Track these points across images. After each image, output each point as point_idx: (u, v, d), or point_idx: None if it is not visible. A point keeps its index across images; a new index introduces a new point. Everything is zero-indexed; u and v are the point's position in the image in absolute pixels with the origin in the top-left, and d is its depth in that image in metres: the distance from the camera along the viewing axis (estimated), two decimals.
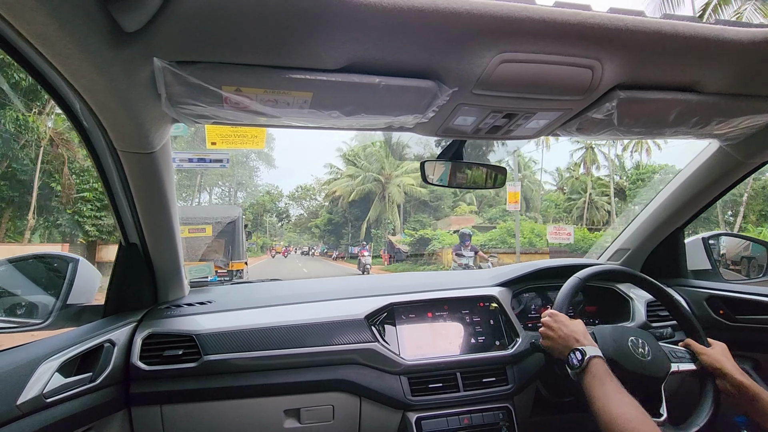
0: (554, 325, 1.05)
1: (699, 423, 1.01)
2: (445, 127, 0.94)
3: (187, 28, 0.59)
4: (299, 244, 58.90)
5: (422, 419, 1.15)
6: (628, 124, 0.93)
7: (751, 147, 1.15)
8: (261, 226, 52.16)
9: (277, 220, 56.65)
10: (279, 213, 56.09)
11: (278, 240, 56.93)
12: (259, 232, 51.00)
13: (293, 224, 56.22)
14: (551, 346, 1.05)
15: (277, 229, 57.91)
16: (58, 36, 0.55)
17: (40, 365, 0.86)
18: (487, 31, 0.65)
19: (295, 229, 56.21)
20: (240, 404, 1.12)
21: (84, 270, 1.18)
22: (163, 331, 1.14)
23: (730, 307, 1.39)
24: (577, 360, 0.94)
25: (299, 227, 55.18)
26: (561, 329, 1.03)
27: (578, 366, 0.92)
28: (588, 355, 0.93)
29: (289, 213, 56.85)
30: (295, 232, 57.23)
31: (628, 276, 1.23)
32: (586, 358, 0.92)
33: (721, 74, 0.81)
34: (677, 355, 1.08)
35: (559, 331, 1.03)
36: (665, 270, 1.58)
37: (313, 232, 48.52)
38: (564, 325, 1.03)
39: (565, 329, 1.02)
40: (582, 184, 29.61)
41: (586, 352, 0.93)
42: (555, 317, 1.07)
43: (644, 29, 0.68)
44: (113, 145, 0.87)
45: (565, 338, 1.01)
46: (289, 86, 0.72)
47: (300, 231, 55.74)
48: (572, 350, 0.97)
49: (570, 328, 1.02)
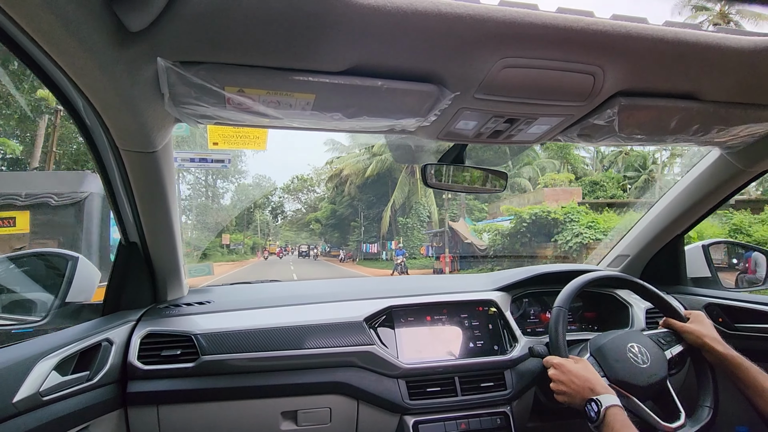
0: (564, 378, 1.02)
1: (708, 403, 1.06)
2: (447, 130, 0.94)
3: (192, 29, 0.59)
4: (296, 243, 52.24)
5: (420, 423, 1.15)
6: (630, 130, 0.93)
7: (752, 155, 1.15)
8: (252, 224, 47.47)
9: (271, 216, 52.02)
10: (273, 208, 51.32)
11: (273, 240, 52.30)
12: (249, 231, 46.14)
13: (289, 221, 51.86)
14: (568, 401, 1.02)
15: (271, 227, 53.76)
16: (63, 34, 0.55)
17: (38, 363, 0.86)
18: (490, 35, 0.65)
19: (292, 226, 51.92)
20: (237, 405, 1.12)
21: (83, 268, 1.18)
22: (161, 331, 1.14)
23: (729, 316, 1.39)
24: (594, 413, 0.92)
25: (296, 224, 50.57)
26: (573, 381, 1.00)
27: (596, 419, 0.91)
28: (604, 406, 0.91)
29: (284, 208, 52.38)
30: (292, 230, 53.39)
31: (599, 281, 1.22)
32: (602, 410, 0.91)
33: (722, 82, 0.81)
34: (665, 340, 1.13)
35: (571, 384, 1.00)
36: (665, 277, 1.57)
37: (313, 228, 43.58)
38: (574, 376, 1.00)
39: (577, 381, 0.99)
40: (639, 159, 25.21)
41: (601, 403, 0.92)
42: (561, 368, 1.03)
43: (646, 36, 0.68)
44: (115, 143, 0.87)
45: (580, 391, 0.98)
46: (292, 88, 0.72)
47: (297, 228, 51.28)
48: (587, 402, 0.95)
49: (580, 377, 1.00)
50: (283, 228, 54.42)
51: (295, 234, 53.59)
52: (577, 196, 16.91)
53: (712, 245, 1.65)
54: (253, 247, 43.49)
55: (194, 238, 29.82)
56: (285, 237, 54.80)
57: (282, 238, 54.58)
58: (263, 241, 48.92)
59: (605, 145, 1.06)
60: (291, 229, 53.18)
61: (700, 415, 1.05)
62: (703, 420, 1.03)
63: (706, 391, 1.08)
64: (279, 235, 55.02)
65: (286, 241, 53.61)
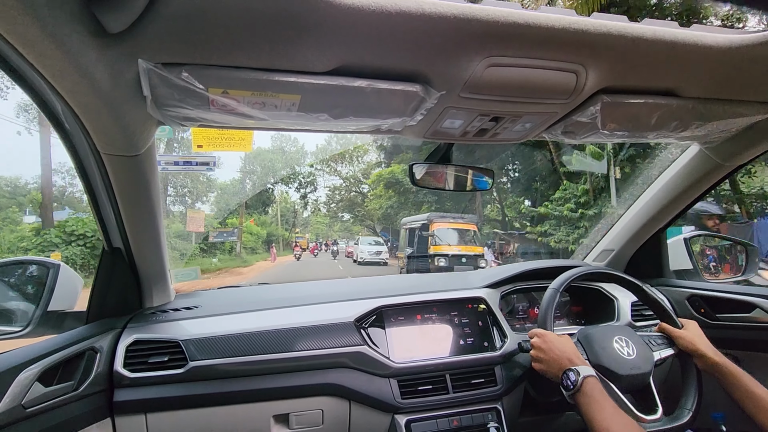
0: (544, 347, 1.05)
1: (690, 407, 1.08)
2: (433, 130, 0.95)
3: (173, 30, 0.58)
4: (327, 236, 39.41)
5: (412, 422, 1.15)
6: (612, 127, 0.95)
7: (729, 150, 1.18)
8: (268, 208, 32.43)
9: (299, 196, 34.97)
10: (301, 184, 33.61)
11: (302, 232, 37.85)
12: (267, 217, 31.69)
13: (328, 203, 34.92)
14: (544, 369, 1.05)
15: (298, 214, 38.47)
16: (40, 37, 0.54)
17: (19, 374, 0.84)
18: (474, 35, 0.66)
19: (333, 211, 36.02)
20: (227, 410, 1.10)
21: (65, 276, 1.15)
22: (148, 338, 1.12)
23: (711, 306, 1.43)
24: (571, 381, 0.94)
25: (341, 204, 33.51)
26: (552, 350, 1.03)
27: (573, 388, 0.93)
28: (582, 376, 0.93)
29: (316, 184, 34.84)
30: (324, 222, 40.01)
31: (598, 275, 1.27)
32: (580, 379, 0.93)
33: (700, 79, 0.83)
34: (656, 342, 1.15)
35: (550, 353, 1.03)
36: (648, 270, 1.61)
37: (367, 211, 29.07)
38: (554, 346, 1.03)
39: (557, 350, 1.02)
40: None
41: (579, 372, 0.94)
42: (543, 337, 1.07)
43: (626, 35, 0.70)
44: (96, 147, 0.85)
45: (558, 360, 1.01)
46: (276, 89, 0.71)
47: (334, 216, 36.48)
48: (565, 372, 0.97)
49: (560, 348, 1.02)
50: (316, 217, 40.11)
51: (326, 227, 41.76)
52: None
53: (693, 238, 1.69)
54: (269, 240, 29.48)
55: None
56: (315, 229, 42.52)
57: (312, 230, 42.15)
58: (287, 232, 34.82)
59: (588, 142, 1.08)
60: (326, 217, 39.54)
61: (679, 416, 1.07)
62: (681, 420, 1.05)
63: (689, 394, 1.10)
64: (308, 225, 42.32)
65: (317, 235, 41.47)
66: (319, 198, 36.82)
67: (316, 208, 38.01)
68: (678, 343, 1.13)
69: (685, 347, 1.12)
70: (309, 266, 19.90)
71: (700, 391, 1.10)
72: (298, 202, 37.61)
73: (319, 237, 39.88)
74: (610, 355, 1.05)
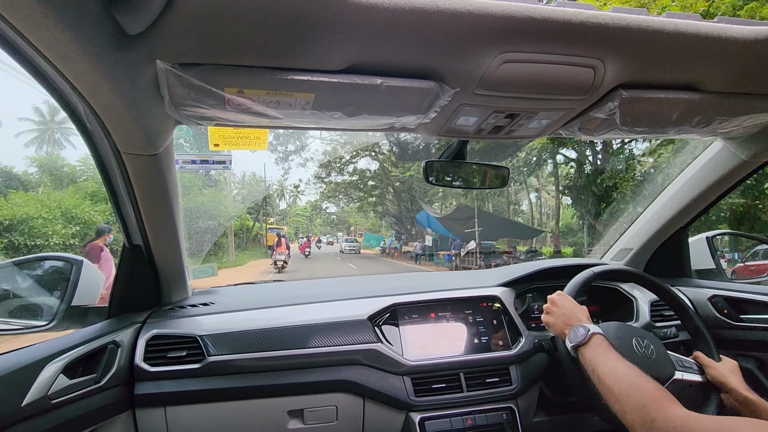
0: (559, 302, 1.05)
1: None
2: (447, 127, 0.94)
3: (190, 31, 0.59)
4: (309, 232, 34.50)
5: (426, 420, 1.15)
6: (631, 123, 0.93)
7: (755, 146, 1.14)
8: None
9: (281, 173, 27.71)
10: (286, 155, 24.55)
11: (276, 223, 30.74)
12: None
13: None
14: (551, 322, 1.04)
15: (272, 202, 29.53)
16: (62, 39, 0.55)
17: (45, 366, 0.87)
18: (488, 31, 0.65)
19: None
20: (243, 405, 1.12)
21: (88, 272, 1.18)
22: (166, 333, 1.15)
23: (734, 307, 1.38)
24: (579, 335, 0.93)
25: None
26: (566, 306, 1.03)
27: (579, 341, 0.92)
28: (591, 331, 0.92)
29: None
30: (306, 215, 33.50)
31: (641, 279, 1.21)
32: (588, 333, 0.92)
33: (724, 72, 0.80)
34: (684, 364, 1.05)
35: (563, 308, 1.03)
36: (668, 270, 1.57)
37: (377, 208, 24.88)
38: (570, 304, 1.03)
39: (570, 308, 1.02)
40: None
41: (588, 329, 0.93)
42: (562, 296, 1.06)
43: (646, 28, 0.68)
44: (116, 147, 0.87)
45: (569, 316, 1.00)
46: (291, 88, 0.72)
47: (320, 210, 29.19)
48: (574, 327, 0.96)
49: (575, 308, 1.02)
50: (295, 208, 33.02)
51: (308, 220, 34.34)
52: None
53: (716, 237, 1.64)
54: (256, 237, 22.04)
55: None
56: (295, 222, 35.95)
57: (290, 222, 35.27)
58: (253, 222, 26.26)
59: (606, 139, 1.06)
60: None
61: None
62: None
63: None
64: (286, 218, 34.34)
65: (297, 228, 35.41)
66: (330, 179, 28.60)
67: (296, 197, 28.57)
68: (709, 372, 1.02)
69: (715, 378, 1.01)
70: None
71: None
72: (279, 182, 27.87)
73: (299, 232, 33.77)
74: (625, 351, 1.00)
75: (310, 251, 23.12)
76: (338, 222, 36.12)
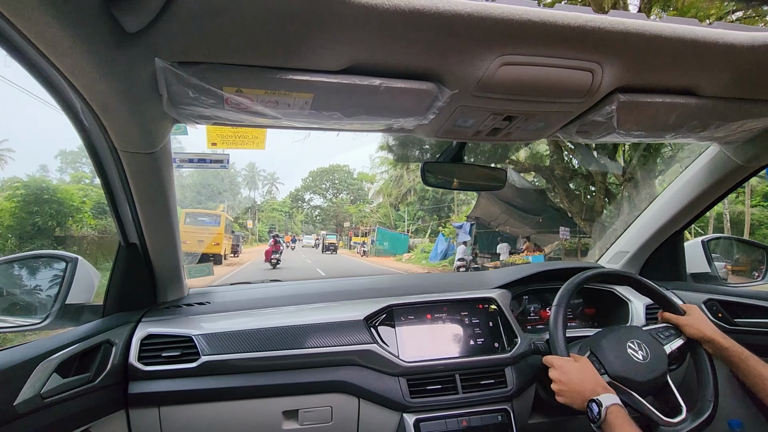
0: (564, 379, 1.01)
1: (710, 397, 1.06)
2: (446, 129, 0.94)
3: (189, 29, 0.59)
4: (287, 230, 32.43)
5: (421, 421, 1.15)
6: (628, 126, 0.93)
7: (750, 150, 1.15)
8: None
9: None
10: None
11: (243, 218, 29.73)
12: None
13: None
14: (569, 402, 1.01)
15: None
16: (60, 36, 0.55)
17: (39, 365, 0.86)
18: (487, 33, 0.65)
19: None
20: (238, 405, 1.12)
21: (83, 269, 1.17)
22: (161, 332, 1.14)
23: (728, 311, 1.39)
24: (596, 413, 0.92)
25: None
26: (573, 381, 0.99)
27: (598, 419, 0.91)
28: (605, 406, 0.91)
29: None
30: (284, 211, 31.09)
31: (595, 278, 1.21)
32: (603, 409, 0.91)
33: (721, 77, 0.81)
34: (664, 335, 1.14)
35: (570, 384, 1.00)
36: (664, 273, 1.58)
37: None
38: (573, 376, 1.00)
39: (577, 381, 0.99)
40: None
41: (602, 403, 0.92)
42: (561, 369, 1.03)
43: (644, 33, 0.68)
44: (114, 144, 0.87)
45: (580, 391, 0.97)
46: (290, 87, 0.72)
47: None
48: (589, 402, 0.95)
49: (579, 377, 0.99)
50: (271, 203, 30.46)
51: (286, 216, 31.38)
52: None
53: (711, 241, 1.65)
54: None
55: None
56: (269, 218, 34.00)
57: (264, 218, 32.65)
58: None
59: (604, 142, 1.06)
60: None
61: (702, 409, 1.04)
62: (705, 413, 1.03)
63: (706, 384, 1.08)
64: (257, 213, 31.68)
65: (272, 226, 33.02)
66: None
67: (271, 185, 26.19)
68: (685, 331, 1.13)
69: (692, 335, 1.12)
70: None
71: (715, 378, 1.09)
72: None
73: (273, 230, 30.80)
74: (626, 363, 1.03)
75: (279, 259, 14.92)
76: (326, 218, 33.11)
